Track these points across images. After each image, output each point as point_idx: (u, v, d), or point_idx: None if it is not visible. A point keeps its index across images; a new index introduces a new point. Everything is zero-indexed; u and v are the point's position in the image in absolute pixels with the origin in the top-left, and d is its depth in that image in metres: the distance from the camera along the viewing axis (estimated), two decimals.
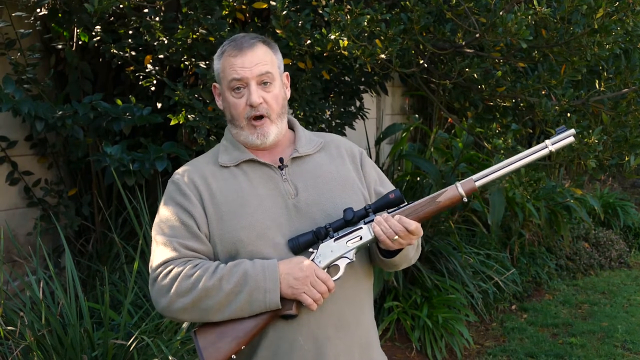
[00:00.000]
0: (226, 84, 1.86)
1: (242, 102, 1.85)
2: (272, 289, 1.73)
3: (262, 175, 1.87)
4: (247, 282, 1.73)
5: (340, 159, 1.96)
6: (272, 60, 1.88)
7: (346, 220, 1.79)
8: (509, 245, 6.11)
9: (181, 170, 1.93)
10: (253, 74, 1.83)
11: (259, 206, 1.83)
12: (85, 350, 2.90)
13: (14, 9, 3.74)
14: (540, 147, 1.82)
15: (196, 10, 3.44)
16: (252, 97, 1.83)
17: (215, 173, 1.88)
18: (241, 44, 1.85)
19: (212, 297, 1.73)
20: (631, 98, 3.67)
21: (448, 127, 6.92)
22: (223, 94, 1.90)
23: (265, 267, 1.74)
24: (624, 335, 5.12)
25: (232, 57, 1.85)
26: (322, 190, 1.88)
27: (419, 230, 1.78)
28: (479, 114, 4.23)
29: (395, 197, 1.81)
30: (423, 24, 3.29)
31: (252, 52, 1.84)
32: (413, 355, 4.62)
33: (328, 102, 4.26)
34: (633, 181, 9.44)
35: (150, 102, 3.88)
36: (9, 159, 3.89)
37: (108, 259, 4.01)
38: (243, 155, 1.89)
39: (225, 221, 1.82)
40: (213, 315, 1.76)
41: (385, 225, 1.76)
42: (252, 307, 1.74)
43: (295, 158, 1.91)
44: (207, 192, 1.84)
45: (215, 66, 1.91)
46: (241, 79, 1.83)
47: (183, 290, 1.74)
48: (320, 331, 1.81)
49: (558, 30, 3.37)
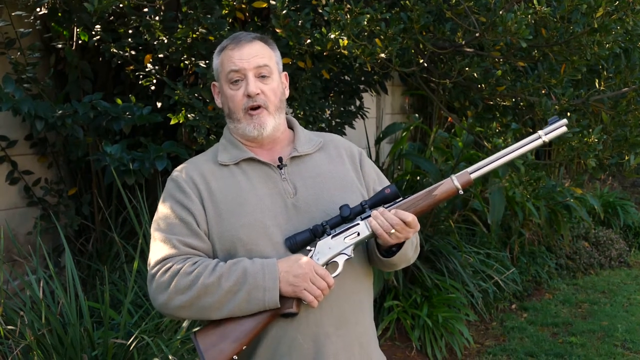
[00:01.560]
0: (224, 77, 1.88)
1: (240, 93, 1.86)
2: (271, 288, 1.73)
3: (262, 174, 1.88)
4: (247, 280, 1.73)
5: (339, 159, 1.96)
6: (270, 55, 1.90)
7: (343, 217, 1.80)
8: (509, 244, 6.11)
9: (180, 168, 1.93)
10: (251, 65, 1.85)
11: (258, 205, 1.83)
12: (85, 350, 2.90)
13: (14, 8, 3.74)
14: (533, 138, 1.83)
15: (196, 10, 3.44)
16: (249, 87, 1.84)
17: (215, 171, 1.88)
18: (239, 39, 1.88)
19: (210, 295, 1.73)
20: (631, 97, 3.67)
21: (448, 127, 6.92)
22: (221, 88, 1.91)
23: (264, 266, 1.74)
24: (624, 335, 5.12)
25: (230, 51, 1.87)
26: (320, 190, 1.88)
27: (416, 222, 1.78)
28: (479, 113, 4.23)
29: (391, 192, 1.81)
30: (423, 23, 3.29)
31: (250, 46, 1.87)
32: (413, 355, 4.62)
33: (328, 101, 4.26)
34: (633, 180, 9.43)
35: (150, 102, 3.88)
36: (9, 159, 3.89)
37: (108, 258, 4.01)
38: (242, 154, 1.89)
39: (224, 219, 1.82)
40: (212, 313, 1.76)
41: (382, 219, 1.76)
42: (251, 305, 1.74)
43: (294, 157, 1.91)
44: (206, 190, 1.85)
45: (215, 63, 1.93)
46: (239, 70, 1.85)
47: (182, 287, 1.74)
48: (320, 329, 1.81)
49: (558, 29, 3.37)
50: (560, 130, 1.82)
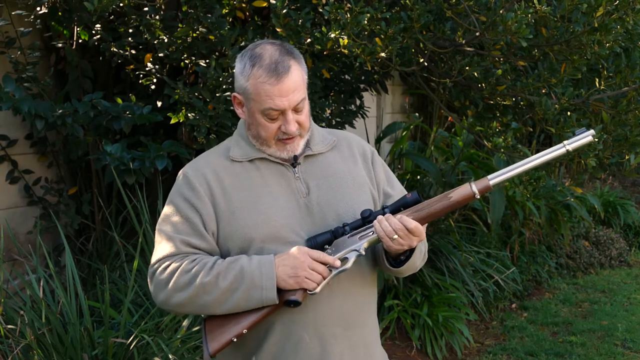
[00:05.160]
0: (259, 109, 1.78)
1: (275, 126, 1.80)
2: (268, 287, 1.73)
3: (275, 172, 1.86)
4: (244, 279, 1.73)
5: (352, 158, 1.96)
6: (304, 80, 1.82)
7: (363, 218, 1.80)
8: (509, 243, 6.11)
9: (192, 163, 1.90)
10: (291, 105, 1.77)
11: (273, 203, 1.82)
12: (86, 349, 2.90)
13: (14, 8, 3.74)
14: (557, 147, 1.83)
15: (196, 9, 3.44)
16: (289, 127, 1.79)
17: (227, 167, 1.86)
18: (276, 70, 1.75)
19: (208, 294, 1.74)
20: (631, 97, 3.67)
21: (448, 126, 6.92)
22: (250, 111, 1.82)
23: (261, 264, 1.74)
24: (624, 334, 5.12)
25: (268, 85, 1.75)
26: (333, 190, 1.87)
27: (419, 230, 1.77)
28: (479, 113, 4.23)
29: (412, 198, 1.82)
30: (423, 22, 3.29)
31: (288, 78, 1.76)
32: (413, 354, 4.62)
33: (328, 100, 4.26)
34: (633, 180, 9.43)
35: (150, 101, 3.88)
36: (9, 158, 3.89)
37: (108, 257, 4.01)
38: (256, 153, 1.86)
39: (237, 217, 1.80)
40: (211, 309, 1.77)
41: (385, 223, 1.76)
42: (250, 303, 1.75)
43: (307, 156, 1.90)
44: (219, 187, 1.82)
45: (242, 83, 1.80)
46: (279, 109, 1.77)
47: (180, 286, 1.75)
48: (327, 329, 1.82)
49: (558, 28, 3.37)
50: (585, 140, 1.82)
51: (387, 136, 6.30)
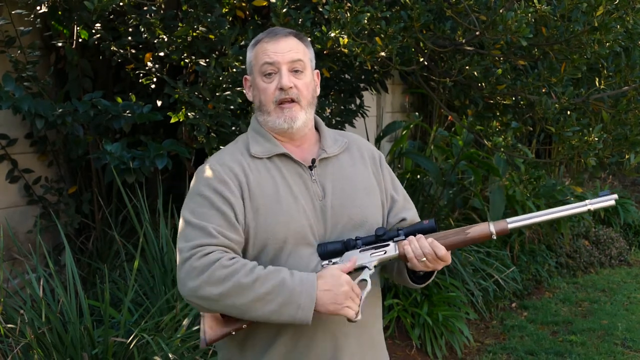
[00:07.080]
0: (258, 69, 1.86)
1: (272, 86, 1.84)
2: (306, 307, 1.69)
3: (294, 173, 1.86)
4: (282, 291, 1.68)
5: (362, 161, 1.97)
6: (304, 51, 1.89)
7: (377, 236, 1.82)
8: (509, 243, 6.10)
9: (218, 158, 1.87)
10: (285, 59, 1.83)
11: (295, 204, 1.82)
12: (86, 348, 2.90)
13: (14, 7, 3.74)
14: (579, 205, 1.86)
15: (196, 8, 3.44)
16: (282, 80, 1.82)
17: (250, 163, 1.85)
18: (275, 33, 1.88)
19: (241, 296, 1.67)
20: (631, 96, 3.68)
21: (448, 125, 6.92)
22: (254, 81, 1.88)
23: (303, 282, 1.70)
24: (624, 333, 5.12)
25: (265, 43, 1.86)
26: (346, 194, 1.88)
27: (448, 257, 1.81)
28: (479, 112, 4.23)
29: (428, 225, 1.84)
30: (423, 21, 3.29)
31: (285, 40, 1.86)
32: (413, 353, 4.62)
33: (328, 99, 4.26)
34: (633, 179, 9.43)
35: (150, 100, 3.88)
36: (9, 157, 3.89)
37: (108, 256, 4.01)
38: (276, 148, 1.86)
39: (261, 215, 1.79)
40: (237, 312, 1.71)
41: (416, 244, 1.79)
42: (281, 318, 1.70)
43: (322, 159, 1.90)
44: (246, 183, 1.81)
45: (248, 55, 1.91)
46: (273, 62, 1.83)
47: (215, 279, 1.68)
48: (339, 329, 1.82)
49: (558, 28, 3.37)
50: (607, 204, 1.86)
51: (387, 135, 6.31)
